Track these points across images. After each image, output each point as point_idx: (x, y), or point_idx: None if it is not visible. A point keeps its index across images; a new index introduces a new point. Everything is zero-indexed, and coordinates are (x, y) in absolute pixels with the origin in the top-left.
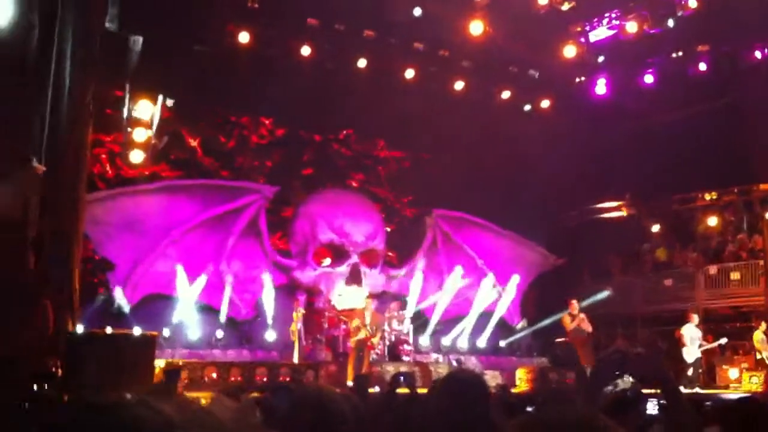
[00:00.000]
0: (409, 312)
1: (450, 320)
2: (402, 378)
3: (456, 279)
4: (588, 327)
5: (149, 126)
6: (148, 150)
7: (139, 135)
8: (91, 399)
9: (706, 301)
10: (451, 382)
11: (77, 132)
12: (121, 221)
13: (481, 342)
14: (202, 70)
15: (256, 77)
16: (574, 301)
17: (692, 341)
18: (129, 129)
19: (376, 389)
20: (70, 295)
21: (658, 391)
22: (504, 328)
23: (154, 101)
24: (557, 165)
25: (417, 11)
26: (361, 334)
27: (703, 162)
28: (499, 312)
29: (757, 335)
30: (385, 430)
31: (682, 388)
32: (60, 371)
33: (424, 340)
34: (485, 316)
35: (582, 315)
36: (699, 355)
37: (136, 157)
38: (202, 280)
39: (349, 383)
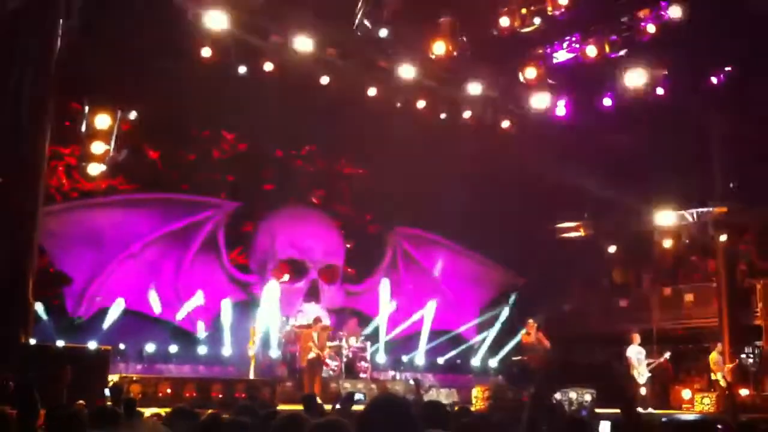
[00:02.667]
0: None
1: (407, 337)
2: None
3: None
4: (546, 344)
5: (108, 139)
6: (107, 163)
7: (98, 148)
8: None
9: (660, 322)
10: (375, 409)
11: (34, 144)
12: (78, 234)
13: (440, 360)
14: (163, 84)
15: (218, 92)
16: (531, 320)
17: (639, 362)
18: (87, 142)
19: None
20: (24, 308)
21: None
22: (461, 345)
23: (114, 114)
24: (519, 184)
25: (383, 32)
26: (312, 354)
27: (659, 185)
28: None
29: (713, 356)
30: None
31: (639, 409)
32: (11, 384)
33: (381, 358)
34: (441, 334)
35: (539, 333)
36: (648, 374)
37: (94, 170)
38: (153, 295)
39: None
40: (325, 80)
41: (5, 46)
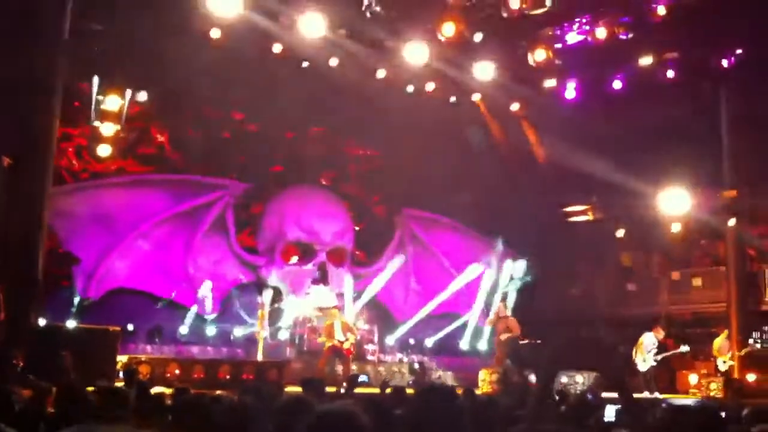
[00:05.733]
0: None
1: (418, 320)
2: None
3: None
4: (516, 329)
5: (117, 120)
6: (116, 144)
7: (107, 129)
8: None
9: (668, 307)
10: (423, 398)
11: (44, 125)
12: (88, 215)
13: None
14: (173, 65)
15: (227, 73)
16: (501, 304)
17: (648, 349)
18: (97, 123)
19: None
20: (33, 288)
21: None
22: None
23: (123, 95)
24: (529, 167)
25: (391, 12)
26: (333, 342)
27: (669, 168)
28: (471, 314)
29: (718, 341)
30: None
31: (646, 394)
32: (21, 364)
33: (390, 340)
34: (450, 317)
35: (511, 317)
36: (653, 363)
37: (104, 150)
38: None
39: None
40: (334, 62)
41: (15, 27)
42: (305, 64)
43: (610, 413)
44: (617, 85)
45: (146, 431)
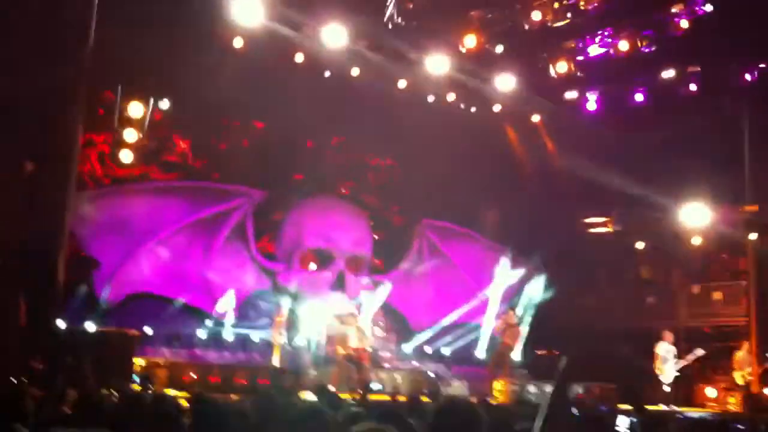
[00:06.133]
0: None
1: (432, 329)
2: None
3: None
4: (513, 341)
5: (140, 127)
6: (139, 151)
7: (130, 135)
8: None
9: (687, 320)
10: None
11: (68, 131)
12: (109, 220)
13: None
14: (195, 74)
15: (248, 82)
16: (512, 311)
17: (666, 360)
18: (119, 129)
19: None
20: (54, 291)
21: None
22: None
23: (146, 103)
24: (549, 178)
25: (413, 23)
26: (349, 351)
27: (689, 181)
28: (487, 324)
29: (738, 355)
30: None
31: (662, 406)
32: (42, 367)
33: (407, 348)
34: (466, 327)
35: (518, 327)
36: (676, 373)
37: (126, 157)
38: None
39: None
40: (355, 72)
41: (40, 34)
42: (327, 74)
43: (623, 423)
44: (639, 98)
45: None
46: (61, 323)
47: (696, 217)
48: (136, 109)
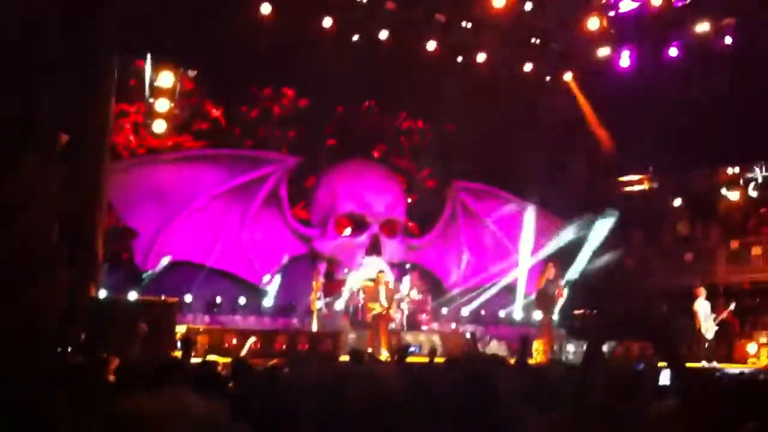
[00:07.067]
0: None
1: (470, 290)
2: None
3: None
4: (559, 291)
5: (171, 96)
6: (171, 120)
7: (161, 105)
8: None
9: (726, 276)
10: (465, 370)
11: (101, 102)
12: (145, 190)
13: (501, 313)
14: (223, 42)
15: (277, 48)
16: (551, 264)
17: (706, 317)
18: (151, 99)
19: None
20: (93, 262)
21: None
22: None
23: (176, 72)
24: (581, 137)
25: None
26: (377, 309)
27: (726, 137)
28: (522, 284)
29: None
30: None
31: (704, 363)
32: (83, 336)
33: (444, 310)
34: (505, 288)
35: (558, 280)
36: (715, 328)
37: (159, 127)
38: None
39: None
40: (384, 35)
41: (70, 5)
42: (355, 38)
43: (664, 378)
44: (673, 52)
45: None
46: (102, 293)
47: (731, 171)
48: (166, 79)
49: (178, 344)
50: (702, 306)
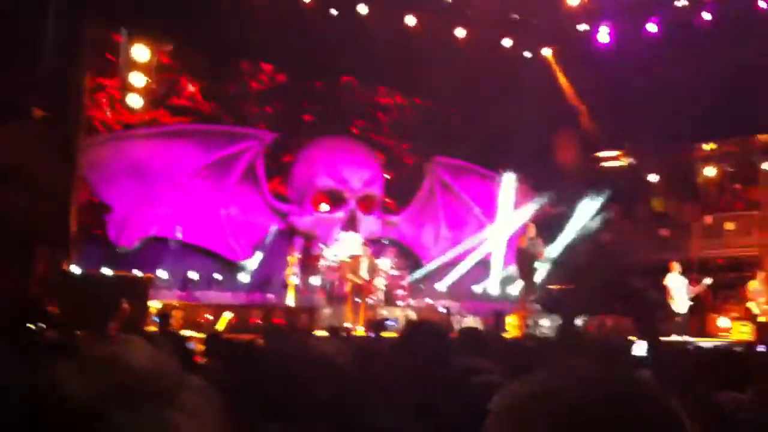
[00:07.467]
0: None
1: (447, 266)
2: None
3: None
4: (541, 250)
5: (147, 71)
6: (147, 95)
7: (137, 80)
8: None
9: (700, 251)
10: (412, 335)
11: (75, 76)
12: (121, 165)
13: (477, 288)
14: (200, 16)
15: (255, 23)
16: (531, 224)
17: (678, 291)
18: (126, 73)
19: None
20: (66, 237)
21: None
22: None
23: (152, 46)
24: (558, 113)
25: None
26: (357, 280)
27: (703, 112)
28: (497, 260)
29: (752, 284)
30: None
31: (674, 336)
32: (56, 311)
33: (420, 284)
34: (481, 263)
35: (539, 240)
36: (690, 303)
37: (135, 102)
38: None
39: (347, 324)
40: (363, 9)
41: None
42: (333, 11)
43: (640, 349)
44: (652, 28)
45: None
46: (75, 268)
47: (708, 148)
48: (141, 53)
49: (155, 319)
50: (674, 280)
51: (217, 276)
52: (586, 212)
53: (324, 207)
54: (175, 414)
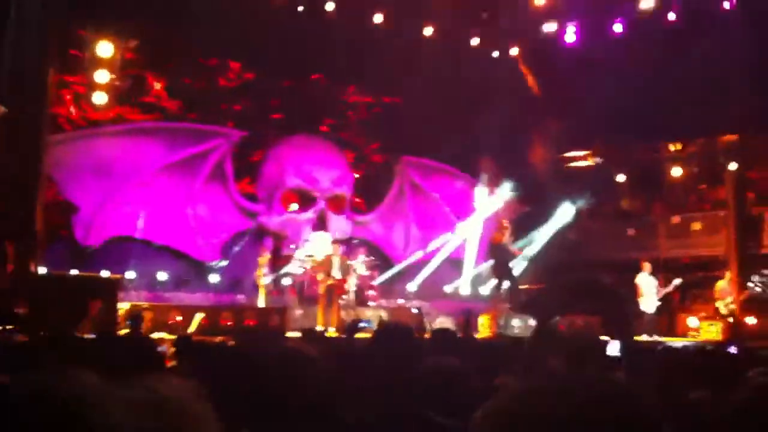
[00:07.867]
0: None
1: (416, 266)
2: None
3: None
4: (514, 249)
5: (111, 67)
6: (112, 92)
7: (101, 76)
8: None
9: (668, 251)
10: (382, 337)
11: (39, 73)
12: (86, 163)
13: (448, 288)
14: (166, 11)
15: (222, 20)
16: (505, 220)
17: (648, 290)
18: (91, 70)
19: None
20: (32, 237)
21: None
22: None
23: (116, 42)
24: (527, 112)
25: None
26: (330, 281)
27: (668, 113)
28: (469, 259)
29: (719, 284)
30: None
31: (644, 336)
32: (24, 312)
33: (392, 285)
34: (451, 263)
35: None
36: (658, 303)
37: (99, 98)
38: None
39: (319, 328)
40: (330, 6)
41: None
42: (300, 8)
43: (613, 349)
44: (618, 28)
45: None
46: (41, 269)
47: (675, 148)
48: (106, 49)
49: (127, 321)
50: (645, 280)
51: (187, 276)
52: (558, 213)
53: (293, 206)
54: None
